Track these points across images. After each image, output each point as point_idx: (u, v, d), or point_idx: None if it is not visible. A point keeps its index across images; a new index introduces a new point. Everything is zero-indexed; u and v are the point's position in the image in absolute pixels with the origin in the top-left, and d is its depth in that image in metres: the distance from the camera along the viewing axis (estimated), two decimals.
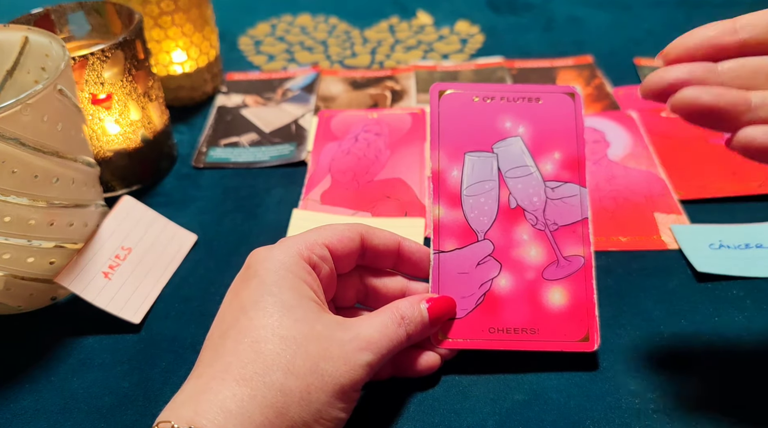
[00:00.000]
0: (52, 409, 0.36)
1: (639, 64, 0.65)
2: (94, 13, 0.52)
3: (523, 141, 0.37)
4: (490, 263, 0.36)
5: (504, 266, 0.36)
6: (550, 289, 0.36)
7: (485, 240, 0.36)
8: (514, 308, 0.35)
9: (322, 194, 0.50)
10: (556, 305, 0.35)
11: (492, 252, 0.36)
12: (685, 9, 0.76)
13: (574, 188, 0.37)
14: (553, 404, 0.34)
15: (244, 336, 0.29)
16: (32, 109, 0.34)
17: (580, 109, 0.37)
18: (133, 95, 0.49)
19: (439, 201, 0.37)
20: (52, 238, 0.38)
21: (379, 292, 0.36)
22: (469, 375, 0.36)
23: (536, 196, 0.36)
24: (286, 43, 0.75)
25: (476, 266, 0.36)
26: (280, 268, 0.31)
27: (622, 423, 0.33)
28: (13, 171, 0.34)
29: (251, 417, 0.26)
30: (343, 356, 0.29)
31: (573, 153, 0.37)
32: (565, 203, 0.36)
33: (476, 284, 0.36)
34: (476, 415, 0.34)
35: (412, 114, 0.59)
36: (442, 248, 0.36)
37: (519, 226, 0.36)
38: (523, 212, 0.36)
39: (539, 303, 0.35)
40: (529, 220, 0.36)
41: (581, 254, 0.36)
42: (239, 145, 0.57)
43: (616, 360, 0.37)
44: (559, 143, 0.37)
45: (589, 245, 0.36)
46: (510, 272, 0.36)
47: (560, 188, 0.36)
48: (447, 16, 0.78)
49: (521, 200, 0.36)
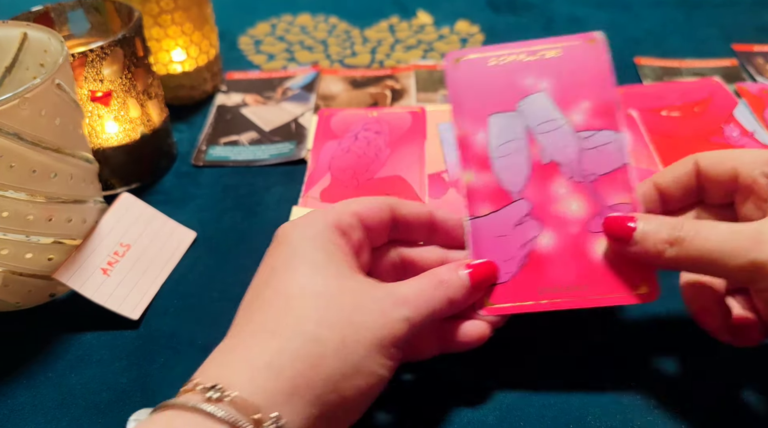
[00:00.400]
0: (49, 405, 0.36)
1: (639, 64, 0.65)
2: (93, 11, 0.52)
3: (547, 95, 0.36)
4: (529, 222, 0.34)
5: (545, 224, 0.34)
6: (597, 241, 0.33)
7: (521, 200, 0.34)
8: (562, 265, 0.33)
9: (322, 192, 0.50)
10: (606, 257, 0.33)
11: (529, 212, 0.34)
12: (685, 9, 0.76)
13: (609, 135, 0.35)
14: (553, 400, 0.34)
15: (275, 295, 0.28)
16: (30, 103, 0.34)
17: (604, 54, 0.36)
18: (132, 93, 0.49)
19: (468, 166, 0.36)
20: (51, 234, 0.38)
21: (417, 265, 0.35)
22: (470, 370, 0.36)
23: (569, 148, 0.35)
24: (286, 43, 0.75)
25: (514, 228, 0.34)
26: (309, 233, 0.30)
27: (624, 419, 0.33)
28: (11, 166, 0.34)
29: (281, 370, 0.25)
30: (380, 309, 0.28)
31: (603, 100, 0.35)
32: (601, 152, 0.34)
33: (516, 246, 0.34)
34: (477, 411, 0.34)
35: (412, 113, 0.59)
36: (476, 213, 0.35)
37: (555, 181, 0.35)
38: (558, 166, 0.35)
39: (588, 258, 0.33)
40: (565, 173, 0.34)
41: (626, 201, 0.34)
42: (239, 143, 0.57)
43: (616, 356, 0.36)
44: (586, 92, 0.35)
45: (633, 191, 0.34)
46: (552, 229, 0.34)
47: (594, 137, 0.35)
48: (447, 15, 0.78)
49: (554, 154, 0.35)
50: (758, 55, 0.66)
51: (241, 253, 0.45)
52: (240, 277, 0.44)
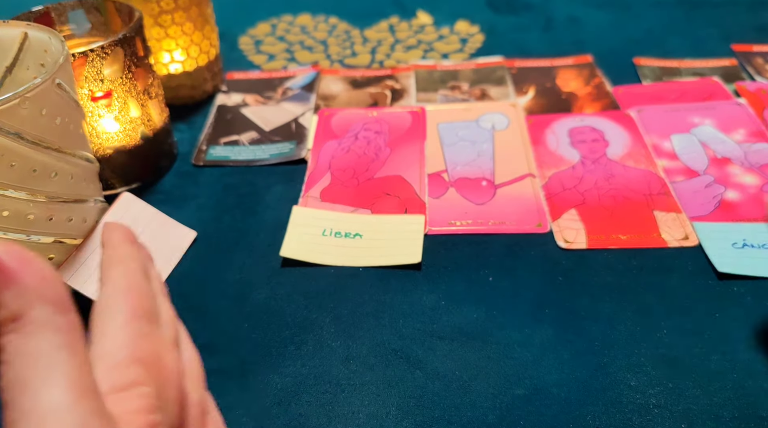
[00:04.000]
0: None
1: (638, 64, 0.65)
2: (94, 11, 0.52)
3: (712, 126, 0.55)
4: (715, 185, 0.49)
5: (727, 187, 0.49)
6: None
7: (706, 175, 0.50)
8: (746, 208, 0.47)
9: (322, 192, 0.50)
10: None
11: (714, 181, 0.49)
12: (685, 9, 0.76)
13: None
14: (553, 399, 0.34)
15: None
16: (31, 102, 0.34)
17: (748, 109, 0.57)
18: (132, 93, 0.49)
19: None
20: (51, 233, 0.38)
21: None
22: (470, 369, 0.36)
23: (734, 150, 0.52)
24: (286, 43, 0.75)
25: (705, 188, 0.49)
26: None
27: (623, 419, 0.33)
28: (11, 165, 0.34)
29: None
30: None
31: (756, 128, 0.55)
32: (761, 152, 0.52)
33: (709, 197, 0.48)
34: (477, 410, 0.34)
35: (411, 113, 0.59)
36: (673, 180, 0.50)
37: (729, 166, 0.51)
38: (730, 160, 0.51)
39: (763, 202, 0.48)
40: (737, 163, 0.51)
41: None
42: (239, 143, 0.57)
43: (616, 356, 0.36)
44: (741, 125, 0.55)
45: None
46: (734, 189, 0.48)
47: (755, 145, 0.53)
48: (447, 15, 0.78)
49: (722, 153, 0.52)
50: (757, 55, 0.66)
51: (242, 252, 0.46)
52: (240, 276, 0.44)
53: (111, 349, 0.22)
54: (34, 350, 0.18)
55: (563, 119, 0.58)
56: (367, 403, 0.35)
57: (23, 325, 0.18)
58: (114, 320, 0.23)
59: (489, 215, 0.47)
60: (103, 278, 0.24)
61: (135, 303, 0.23)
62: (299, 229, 0.47)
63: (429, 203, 0.49)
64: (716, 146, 0.53)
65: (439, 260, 0.44)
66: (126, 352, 0.22)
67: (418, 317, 0.40)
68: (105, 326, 0.22)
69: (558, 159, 0.53)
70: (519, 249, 0.44)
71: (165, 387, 0.22)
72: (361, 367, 0.37)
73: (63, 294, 0.19)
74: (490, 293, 0.41)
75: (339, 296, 0.41)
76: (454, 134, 0.56)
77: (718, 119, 0.56)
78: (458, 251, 0.44)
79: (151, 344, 0.23)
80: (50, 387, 0.18)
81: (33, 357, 0.18)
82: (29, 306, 0.19)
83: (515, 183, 0.50)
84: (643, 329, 0.38)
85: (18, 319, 0.18)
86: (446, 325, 0.39)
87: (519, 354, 0.37)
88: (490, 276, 0.42)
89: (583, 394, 0.34)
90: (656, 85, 0.62)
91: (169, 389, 0.22)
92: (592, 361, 0.36)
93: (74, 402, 0.18)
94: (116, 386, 0.21)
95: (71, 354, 0.18)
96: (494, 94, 0.62)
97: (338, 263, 0.44)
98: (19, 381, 0.18)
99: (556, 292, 0.41)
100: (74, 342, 0.19)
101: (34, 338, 0.18)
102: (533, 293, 0.41)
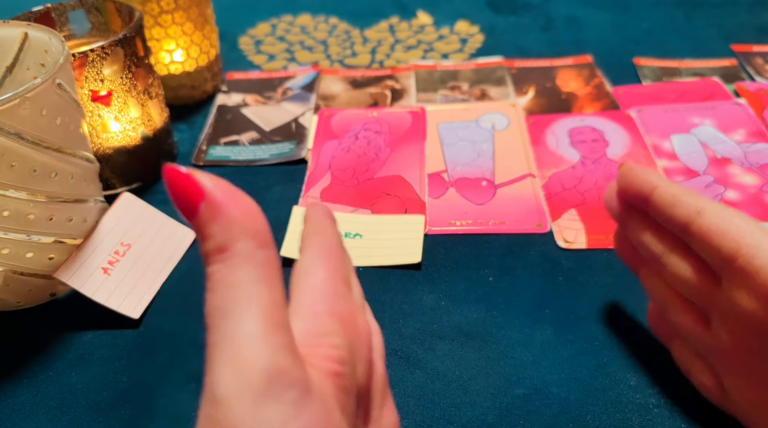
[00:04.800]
0: (50, 404, 0.36)
1: (638, 64, 0.65)
2: (94, 11, 0.53)
3: (711, 126, 0.55)
4: (715, 185, 0.49)
5: (727, 187, 0.48)
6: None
7: (705, 175, 0.50)
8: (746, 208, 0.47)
9: (322, 192, 0.50)
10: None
11: (713, 181, 0.49)
12: (685, 9, 0.76)
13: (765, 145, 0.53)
14: (553, 398, 0.34)
15: None
16: (31, 102, 0.34)
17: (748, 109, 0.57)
18: (132, 93, 0.49)
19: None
20: (52, 233, 0.38)
21: None
22: (470, 369, 0.36)
23: (734, 150, 0.52)
24: (286, 43, 0.75)
25: (705, 188, 0.49)
26: None
27: (623, 418, 0.33)
28: (11, 165, 0.34)
29: None
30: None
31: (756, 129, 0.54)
32: (761, 152, 0.52)
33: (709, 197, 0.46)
34: (476, 409, 0.34)
35: (412, 113, 0.59)
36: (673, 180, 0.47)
37: (729, 167, 0.50)
38: (729, 160, 0.51)
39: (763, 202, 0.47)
40: (736, 163, 0.51)
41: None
42: (239, 143, 0.57)
43: (616, 355, 0.36)
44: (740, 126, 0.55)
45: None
46: (735, 190, 0.48)
47: (755, 145, 0.52)
48: (447, 16, 0.78)
49: (722, 153, 0.52)
50: (757, 56, 0.66)
51: None
52: None
53: (310, 302, 0.23)
54: (236, 281, 0.20)
55: (563, 119, 0.58)
56: None
57: (229, 257, 0.20)
58: (314, 277, 0.24)
59: (489, 215, 0.47)
60: (303, 245, 0.26)
61: (334, 266, 0.24)
62: (299, 229, 0.46)
63: (429, 203, 0.49)
64: (716, 146, 0.53)
65: (439, 260, 0.44)
66: (323, 306, 0.23)
67: (418, 317, 0.40)
68: (304, 283, 0.24)
69: (558, 159, 0.53)
70: (519, 249, 0.44)
71: (356, 344, 0.23)
72: None
73: (265, 229, 0.21)
74: (490, 293, 0.41)
75: None
76: (454, 134, 0.56)
77: (718, 119, 0.56)
78: (458, 251, 0.44)
79: (347, 303, 0.24)
80: (247, 318, 0.19)
81: (235, 287, 0.20)
82: (234, 239, 0.20)
83: (515, 183, 0.50)
84: (643, 329, 0.38)
85: (224, 250, 0.20)
86: (446, 325, 0.39)
87: (519, 353, 0.37)
88: (490, 276, 0.42)
89: (583, 394, 0.34)
90: (656, 85, 0.62)
91: (360, 347, 0.23)
92: (592, 361, 0.36)
93: (268, 333, 0.19)
94: (311, 333, 0.22)
95: (269, 288, 0.20)
96: (494, 95, 0.62)
97: None
98: (221, 308, 0.20)
99: (555, 292, 0.41)
100: (271, 276, 0.20)
101: (238, 269, 0.20)
102: (533, 293, 0.41)
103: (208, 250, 0.20)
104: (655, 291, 0.34)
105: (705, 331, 0.31)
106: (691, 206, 0.30)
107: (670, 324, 0.33)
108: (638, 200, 0.32)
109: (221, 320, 0.19)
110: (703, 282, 0.30)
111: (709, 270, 0.30)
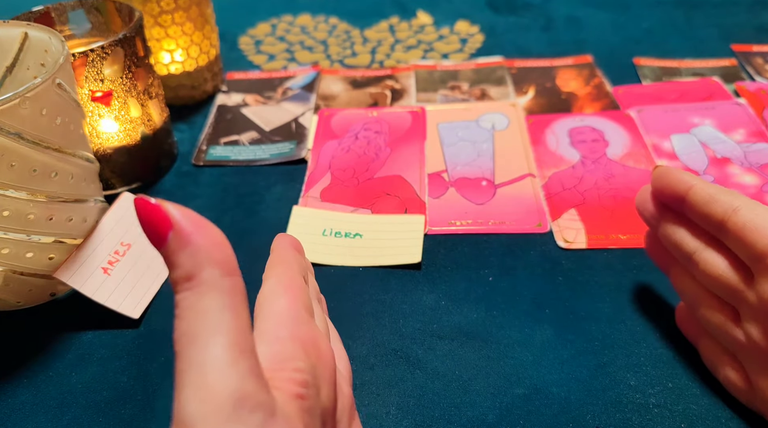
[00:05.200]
0: (50, 404, 0.36)
1: (638, 64, 0.65)
2: (94, 11, 0.52)
3: (711, 126, 0.55)
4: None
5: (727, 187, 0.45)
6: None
7: (705, 175, 0.50)
8: None
9: (322, 192, 0.50)
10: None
11: (713, 181, 0.49)
12: (685, 9, 0.76)
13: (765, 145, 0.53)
14: (553, 398, 0.34)
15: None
16: (31, 102, 0.34)
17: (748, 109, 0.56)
18: (132, 92, 0.49)
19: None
20: (52, 233, 0.38)
21: None
22: (470, 369, 0.36)
23: (734, 150, 0.52)
24: (286, 43, 0.75)
25: None
26: None
27: (623, 418, 0.33)
28: (11, 165, 0.34)
29: None
30: None
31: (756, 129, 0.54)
32: (761, 152, 0.52)
33: None
34: (476, 409, 0.34)
35: (412, 113, 0.59)
36: None
37: (729, 166, 0.50)
38: (729, 160, 0.51)
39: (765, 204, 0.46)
40: (736, 163, 0.51)
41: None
42: (239, 143, 0.57)
43: (616, 355, 0.36)
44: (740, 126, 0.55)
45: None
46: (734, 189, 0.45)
47: (755, 145, 0.52)
48: (447, 16, 0.78)
49: (722, 153, 0.52)
50: (757, 55, 0.66)
51: (242, 252, 0.45)
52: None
53: (273, 327, 0.24)
54: (203, 308, 0.20)
55: (563, 119, 0.58)
56: (366, 403, 0.35)
57: (196, 285, 0.20)
58: (276, 304, 0.25)
59: (489, 215, 0.47)
60: (267, 274, 0.27)
61: (294, 294, 0.26)
62: (299, 229, 0.47)
63: (429, 203, 0.49)
64: (716, 146, 0.53)
65: (439, 260, 0.44)
66: (285, 331, 0.24)
67: (418, 317, 0.40)
68: (267, 310, 0.25)
69: (558, 159, 0.53)
70: (519, 249, 0.44)
71: (319, 368, 0.24)
72: (360, 367, 0.37)
73: (231, 258, 0.21)
74: (490, 293, 0.41)
75: (339, 296, 0.41)
76: (454, 134, 0.56)
77: (718, 119, 0.56)
78: (458, 251, 0.44)
79: (309, 329, 0.25)
80: (214, 344, 0.19)
81: (202, 314, 0.20)
82: (200, 268, 0.20)
83: (515, 183, 0.50)
84: (643, 329, 0.38)
85: (191, 278, 0.20)
86: (446, 325, 0.39)
87: (519, 353, 0.37)
88: (490, 276, 0.42)
89: (583, 394, 0.34)
90: (656, 85, 0.62)
91: (324, 371, 0.24)
92: (592, 361, 0.36)
93: (234, 359, 0.19)
94: (275, 358, 0.22)
95: (234, 315, 0.20)
96: (494, 94, 0.62)
97: (338, 263, 0.44)
98: (189, 334, 0.20)
99: (555, 292, 0.41)
100: (237, 303, 0.21)
101: (204, 297, 0.20)
102: (533, 293, 0.41)
103: (176, 278, 0.21)
104: (686, 290, 0.34)
105: (735, 328, 0.31)
106: (727, 204, 0.30)
107: (701, 321, 0.34)
108: (674, 200, 0.33)
109: (189, 346, 0.20)
110: (735, 279, 0.31)
111: (742, 267, 0.30)
